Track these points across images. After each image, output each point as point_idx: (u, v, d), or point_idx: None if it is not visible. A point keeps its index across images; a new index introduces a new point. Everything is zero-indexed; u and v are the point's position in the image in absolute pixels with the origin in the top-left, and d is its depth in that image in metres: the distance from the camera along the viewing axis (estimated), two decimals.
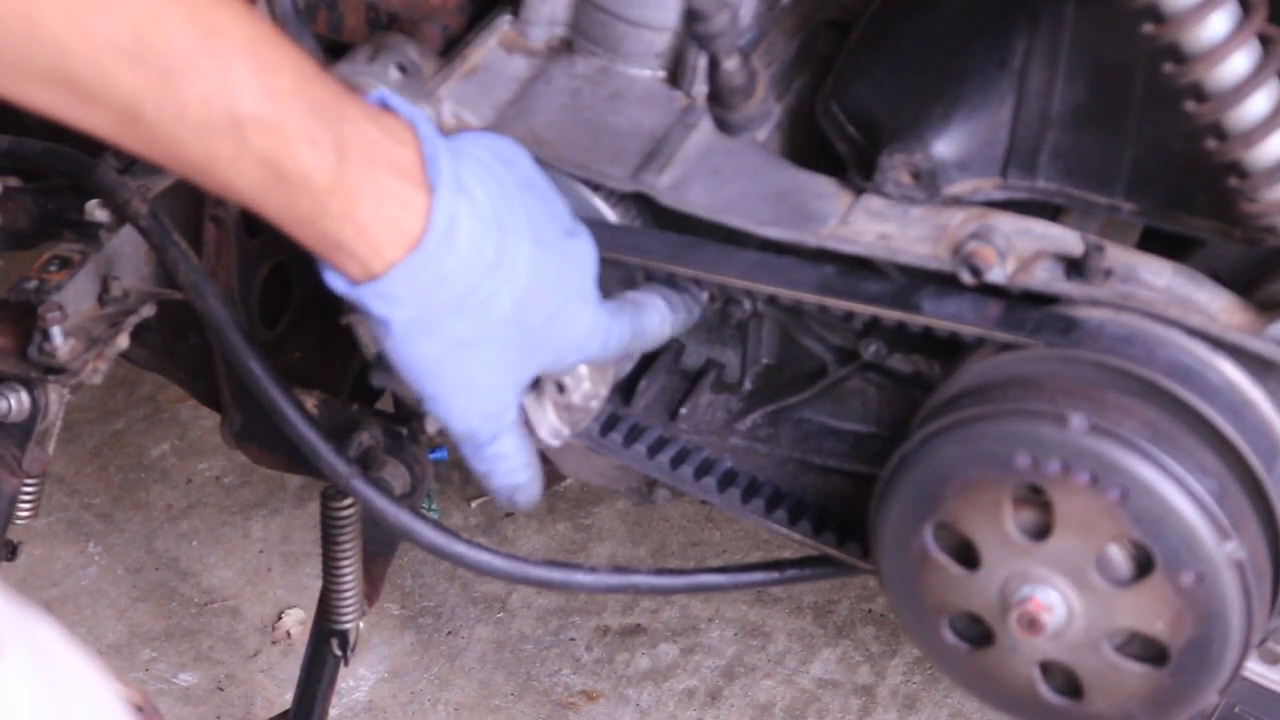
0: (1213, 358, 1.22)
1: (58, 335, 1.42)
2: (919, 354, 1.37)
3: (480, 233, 1.14)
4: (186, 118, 1.01)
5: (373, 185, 1.09)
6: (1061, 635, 1.24)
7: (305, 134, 1.05)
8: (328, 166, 1.06)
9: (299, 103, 1.05)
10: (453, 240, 1.12)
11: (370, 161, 1.09)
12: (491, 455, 1.24)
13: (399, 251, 1.11)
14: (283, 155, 1.05)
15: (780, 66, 1.40)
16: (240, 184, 1.06)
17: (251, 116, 1.03)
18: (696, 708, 2.02)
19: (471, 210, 1.13)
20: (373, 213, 1.09)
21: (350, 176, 1.08)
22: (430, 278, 1.12)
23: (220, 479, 2.33)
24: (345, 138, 1.07)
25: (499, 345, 1.17)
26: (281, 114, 1.04)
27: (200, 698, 2.06)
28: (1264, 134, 1.17)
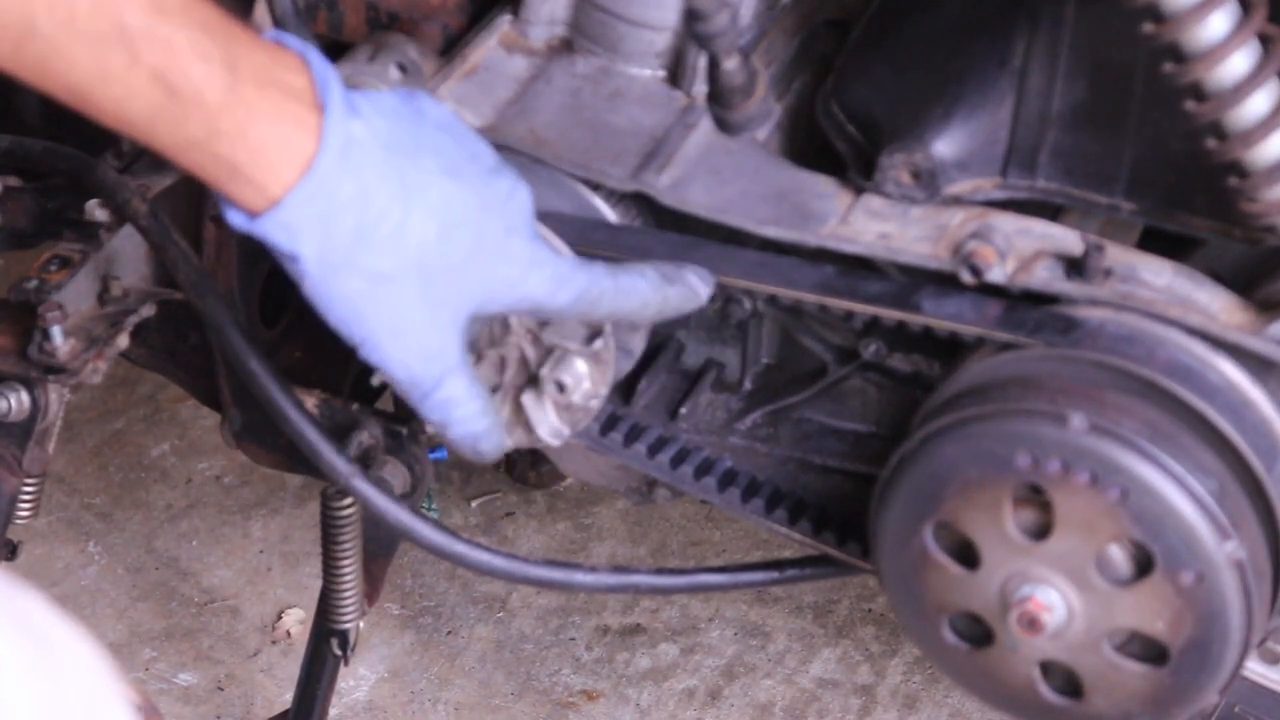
0: (1213, 357, 1.22)
1: (58, 335, 1.42)
2: (919, 354, 1.37)
3: (380, 157, 1.11)
4: (77, 26, 1.00)
5: (265, 104, 1.07)
6: (1061, 635, 1.24)
7: (195, 49, 1.04)
8: (219, 83, 1.05)
9: (187, 19, 1.04)
10: (350, 161, 1.10)
11: (262, 83, 1.07)
12: (441, 402, 1.20)
13: (295, 173, 1.09)
14: (173, 70, 1.03)
15: (780, 66, 1.40)
16: (133, 107, 1.04)
17: (140, 29, 1.02)
18: (696, 707, 2.02)
19: (368, 132, 1.11)
20: (267, 132, 1.07)
21: (243, 93, 1.06)
22: (330, 203, 1.10)
23: (220, 479, 2.33)
24: (236, 56, 1.06)
25: (421, 279, 1.14)
26: (170, 28, 1.03)
27: (200, 697, 2.06)
28: (1264, 134, 1.17)
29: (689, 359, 1.46)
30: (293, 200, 1.09)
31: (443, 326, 1.17)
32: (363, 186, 1.11)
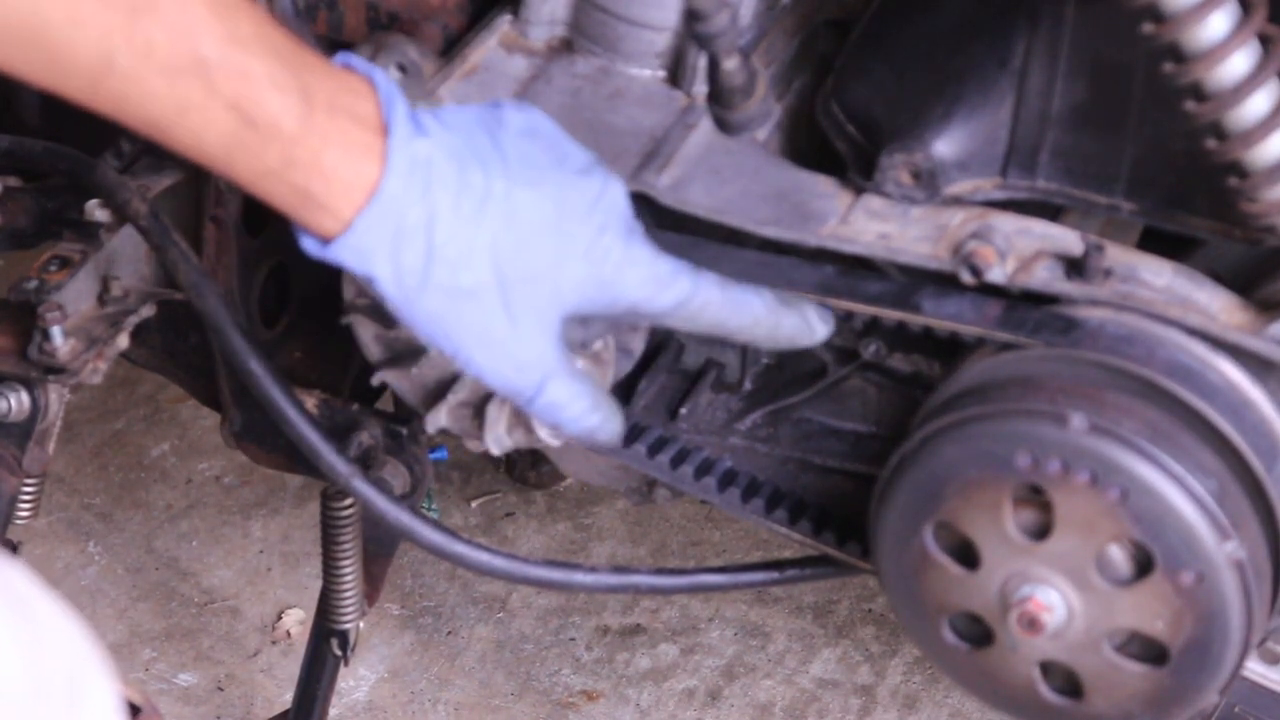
0: (1212, 357, 1.22)
1: (58, 335, 1.42)
2: (919, 354, 1.37)
3: (450, 174, 1.11)
4: (155, 60, 1.01)
5: (336, 131, 1.08)
6: (1061, 635, 1.24)
7: (270, 78, 1.05)
8: (294, 111, 1.06)
9: (261, 47, 1.05)
10: (416, 182, 1.10)
11: (333, 109, 1.08)
12: (546, 406, 1.20)
13: (363, 197, 1.09)
14: (250, 100, 1.04)
15: (780, 66, 1.40)
16: (211, 138, 1.05)
17: (216, 60, 1.02)
18: (696, 708, 2.02)
19: (437, 150, 1.11)
20: (337, 159, 1.08)
21: (316, 122, 1.07)
22: (399, 225, 1.10)
23: (220, 479, 2.33)
24: (309, 84, 1.07)
25: (502, 292, 1.14)
26: (246, 57, 1.04)
27: (200, 697, 2.06)
28: (1264, 134, 1.17)
29: (689, 359, 1.46)
30: (362, 225, 1.09)
31: (533, 335, 1.17)
32: (432, 206, 1.11)
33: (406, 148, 1.10)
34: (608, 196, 1.18)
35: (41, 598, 0.92)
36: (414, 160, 1.10)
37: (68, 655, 0.92)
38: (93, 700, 0.93)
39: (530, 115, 1.18)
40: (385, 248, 1.11)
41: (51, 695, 0.90)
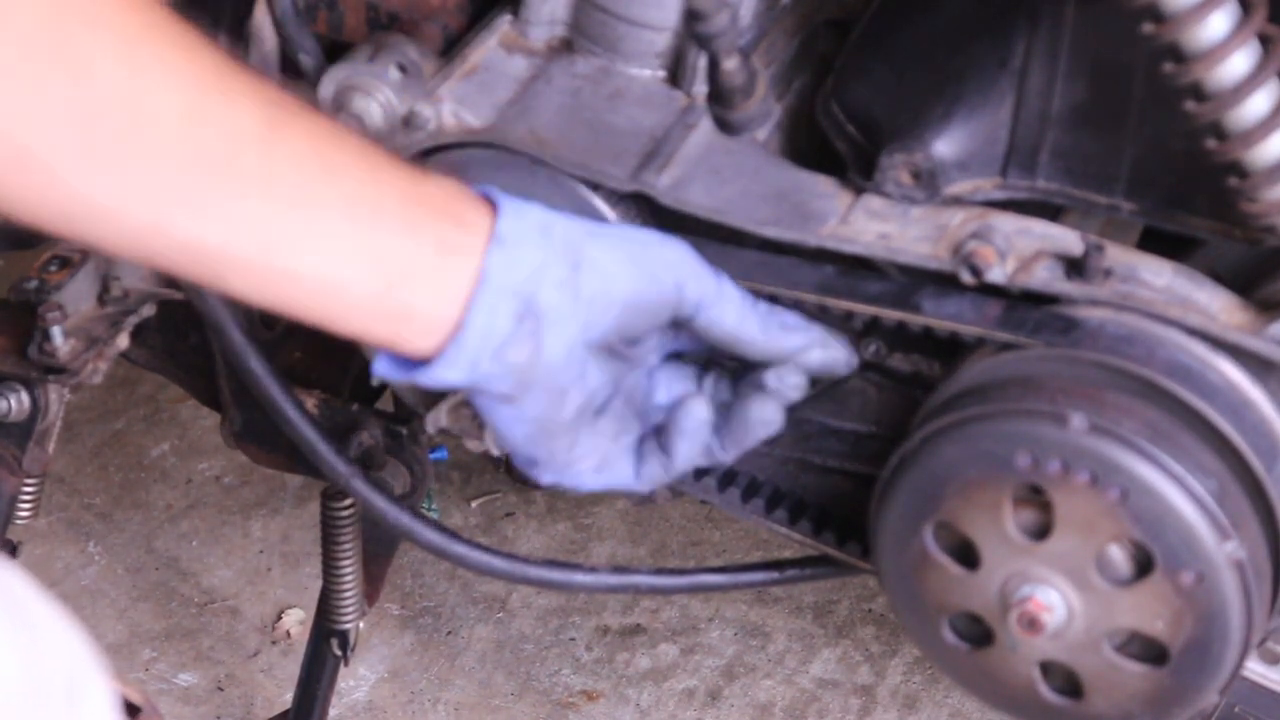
0: (1213, 357, 1.22)
1: (58, 335, 1.42)
2: (919, 354, 1.37)
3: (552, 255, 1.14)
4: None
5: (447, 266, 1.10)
6: (1061, 635, 1.24)
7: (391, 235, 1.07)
8: (415, 254, 1.08)
9: (400, 198, 1.08)
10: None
11: (445, 249, 1.10)
12: (639, 490, 1.25)
13: (448, 332, 1.11)
14: (392, 294, 1.08)
15: (780, 66, 1.40)
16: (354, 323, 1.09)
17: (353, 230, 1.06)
18: (696, 708, 2.02)
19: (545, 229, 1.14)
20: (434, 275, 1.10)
21: (424, 260, 1.09)
22: (485, 347, 1.12)
23: (220, 479, 2.33)
24: (418, 219, 1.09)
25: (589, 412, 1.20)
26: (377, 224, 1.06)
27: (200, 698, 2.06)
28: (1264, 134, 1.17)
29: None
30: (447, 356, 1.11)
31: (610, 448, 1.22)
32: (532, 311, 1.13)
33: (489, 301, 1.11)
34: (685, 266, 1.21)
35: (39, 602, 0.92)
36: (530, 226, 1.13)
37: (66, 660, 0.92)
38: (90, 704, 0.93)
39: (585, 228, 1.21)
40: (475, 363, 1.11)
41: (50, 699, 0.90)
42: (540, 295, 1.13)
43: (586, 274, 1.15)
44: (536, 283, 1.12)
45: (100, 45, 0.91)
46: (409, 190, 1.09)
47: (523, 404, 1.15)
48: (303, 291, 1.05)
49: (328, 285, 1.05)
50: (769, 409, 1.25)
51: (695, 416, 1.23)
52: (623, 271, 1.17)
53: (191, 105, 0.95)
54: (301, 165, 1.02)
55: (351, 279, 1.06)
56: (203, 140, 0.96)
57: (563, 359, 1.15)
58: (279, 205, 1.01)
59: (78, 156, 0.92)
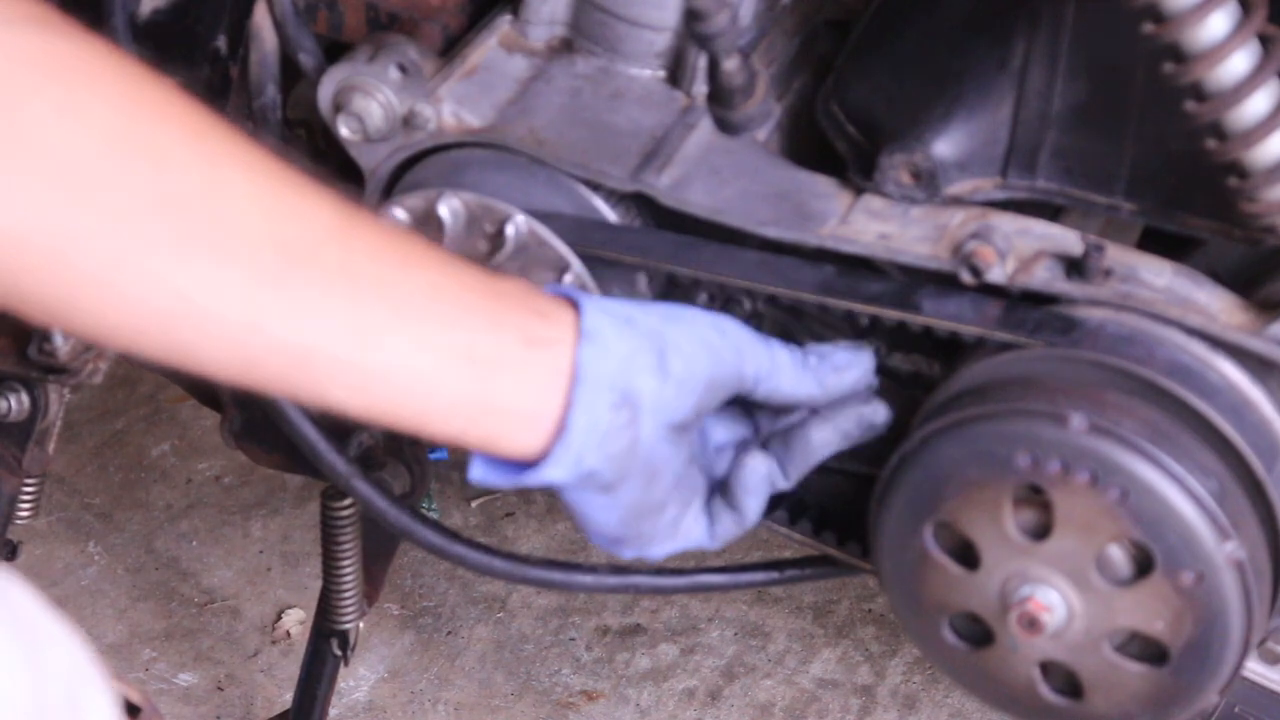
0: (1212, 357, 1.22)
1: (58, 335, 1.42)
2: (919, 354, 1.37)
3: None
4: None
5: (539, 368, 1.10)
6: (1061, 635, 1.24)
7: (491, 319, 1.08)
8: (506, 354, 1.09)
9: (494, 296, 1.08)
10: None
11: (530, 341, 1.10)
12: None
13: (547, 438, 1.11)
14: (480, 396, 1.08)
15: (780, 66, 1.40)
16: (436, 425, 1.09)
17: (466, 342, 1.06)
18: (696, 708, 2.02)
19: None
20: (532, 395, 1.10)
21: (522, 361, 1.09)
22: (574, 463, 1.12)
23: (220, 479, 2.33)
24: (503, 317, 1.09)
25: (676, 485, 1.21)
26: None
27: (200, 697, 2.06)
28: (1264, 134, 1.17)
29: None
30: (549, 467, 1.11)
31: (695, 515, 1.24)
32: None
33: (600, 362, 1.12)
34: (737, 344, 1.22)
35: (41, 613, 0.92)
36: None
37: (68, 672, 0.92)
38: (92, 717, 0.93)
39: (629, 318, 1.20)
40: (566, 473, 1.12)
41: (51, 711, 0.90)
42: (634, 384, 1.13)
43: (673, 358, 1.16)
44: (629, 373, 1.13)
45: (174, 137, 0.90)
46: (487, 284, 1.09)
47: (618, 492, 1.16)
48: (398, 390, 1.04)
49: (421, 380, 1.04)
50: (828, 431, 1.27)
51: (757, 473, 1.25)
52: (701, 354, 1.18)
53: (269, 197, 0.95)
54: (379, 259, 1.02)
55: (443, 371, 1.05)
56: (285, 233, 0.96)
57: (658, 443, 1.16)
58: (366, 299, 1.00)
59: (172, 247, 0.91)
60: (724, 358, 1.20)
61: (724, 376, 1.20)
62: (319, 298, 0.98)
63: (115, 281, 0.91)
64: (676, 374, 1.16)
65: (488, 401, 1.07)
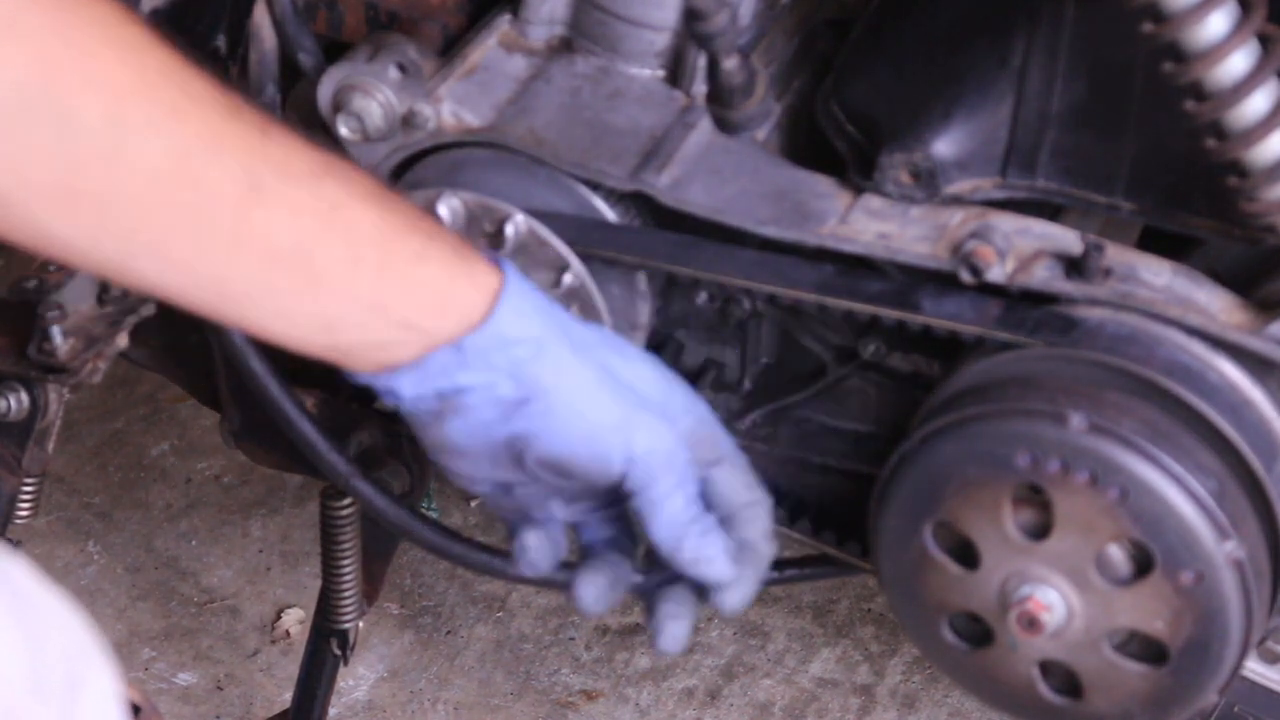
0: (1212, 357, 1.22)
1: (57, 335, 1.42)
2: (918, 353, 1.37)
3: (565, 329, 1.12)
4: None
5: (454, 255, 1.09)
6: (1061, 634, 1.24)
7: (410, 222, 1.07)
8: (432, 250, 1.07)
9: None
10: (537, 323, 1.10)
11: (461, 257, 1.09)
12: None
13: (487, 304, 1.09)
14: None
15: (780, 66, 1.40)
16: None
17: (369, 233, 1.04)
18: (696, 707, 2.02)
19: (552, 310, 1.12)
20: (457, 277, 1.08)
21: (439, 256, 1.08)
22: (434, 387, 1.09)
23: (220, 478, 2.33)
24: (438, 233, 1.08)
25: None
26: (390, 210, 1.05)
27: (200, 697, 2.06)
28: (1264, 133, 1.17)
29: (688, 358, 1.46)
30: (401, 376, 1.09)
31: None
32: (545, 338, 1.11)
33: (524, 292, 1.10)
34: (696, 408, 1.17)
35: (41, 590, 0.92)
36: (539, 305, 1.10)
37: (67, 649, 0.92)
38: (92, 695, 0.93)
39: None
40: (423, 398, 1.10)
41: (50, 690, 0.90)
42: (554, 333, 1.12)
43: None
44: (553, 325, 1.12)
45: (88, 102, 0.92)
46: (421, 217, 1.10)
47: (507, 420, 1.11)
48: (308, 264, 1.04)
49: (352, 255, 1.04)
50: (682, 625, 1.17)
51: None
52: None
53: (172, 164, 0.96)
54: (281, 231, 1.02)
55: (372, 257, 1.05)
56: (177, 198, 0.97)
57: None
58: (245, 267, 1.01)
59: (54, 203, 0.94)
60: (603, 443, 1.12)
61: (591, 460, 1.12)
62: (194, 259, 1.00)
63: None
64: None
65: (412, 282, 1.07)
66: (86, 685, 0.93)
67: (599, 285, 1.32)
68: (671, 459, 1.12)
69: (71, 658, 0.92)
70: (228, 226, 0.99)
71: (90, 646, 0.94)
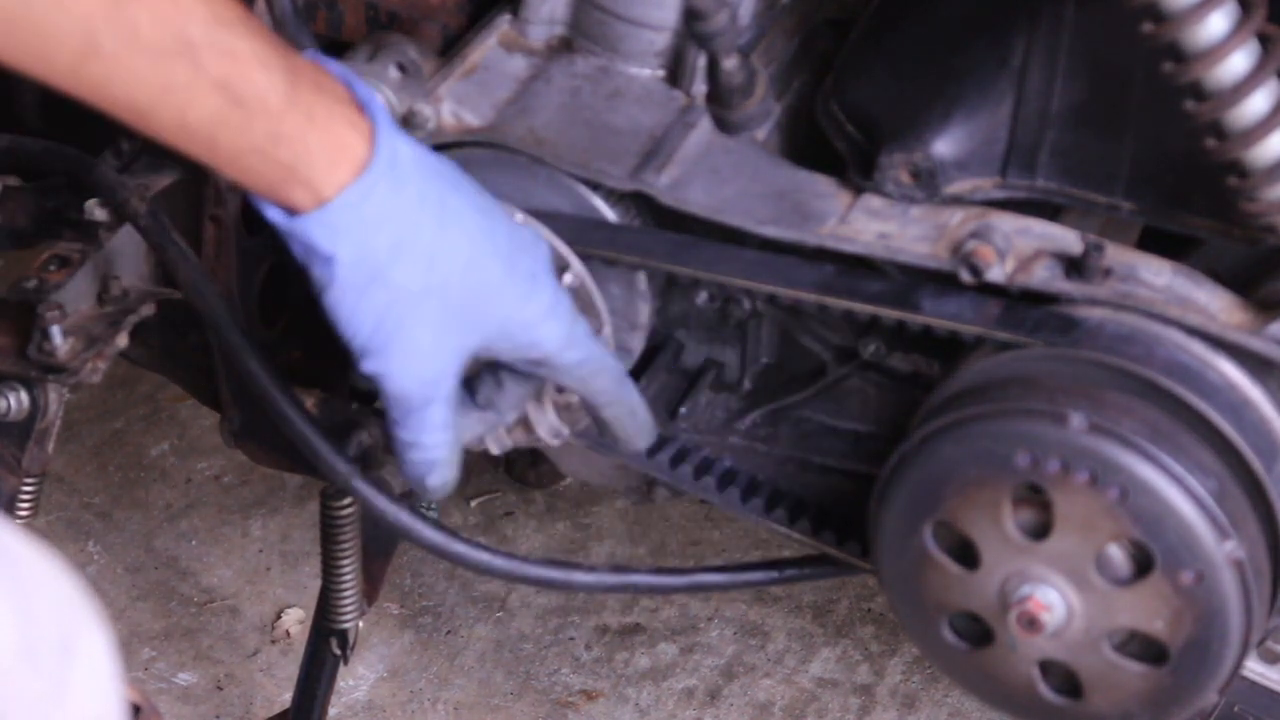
0: (1212, 357, 1.22)
1: (57, 335, 1.42)
2: (918, 353, 1.37)
3: (422, 178, 1.13)
4: (141, 42, 1.02)
5: (323, 110, 1.09)
6: (1061, 634, 1.24)
7: (257, 56, 1.06)
8: (280, 88, 1.07)
9: (245, 28, 1.06)
10: (397, 174, 1.12)
11: (318, 89, 1.09)
12: (418, 425, 1.20)
13: (348, 175, 1.10)
14: (237, 77, 1.05)
15: (780, 65, 1.40)
16: (195, 117, 1.06)
17: (204, 40, 1.03)
18: (696, 707, 2.02)
19: (412, 153, 1.13)
20: (324, 135, 1.09)
21: (302, 98, 1.08)
22: (375, 211, 1.11)
23: (219, 478, 2.33)
24: (293, 64, 1.08)
25: (444, 304, 1.16)
26: (231, 37, 1.05)
27: (199, 697, 2.06)
28: (1264, 133, 1.17)
29: (688, 358, 1.46)
30: (341, 202, 1.10)
31: (448, 354, 1.18)
32: (404, 201, 1.12)
33: (391, 139, 1.12)
34: (541, 248, 1.22)
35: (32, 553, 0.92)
36: (396, 153, 1.12)
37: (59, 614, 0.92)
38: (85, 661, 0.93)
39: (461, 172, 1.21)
40: (356, 229, 1.11)
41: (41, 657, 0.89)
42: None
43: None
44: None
45: None
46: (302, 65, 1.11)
47: (389, 270, 1.15)
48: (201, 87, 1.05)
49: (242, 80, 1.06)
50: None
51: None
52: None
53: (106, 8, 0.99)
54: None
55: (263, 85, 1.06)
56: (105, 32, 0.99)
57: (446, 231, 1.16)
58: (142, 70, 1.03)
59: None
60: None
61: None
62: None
63: None
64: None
65: (301, 117, 1.08)
66: (79, 649, 0.92)
67: (599, 285, 1.32)
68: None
69: (63, 622, 0.92)
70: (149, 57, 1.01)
71: (83, 610, 0.94)
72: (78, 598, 0.94)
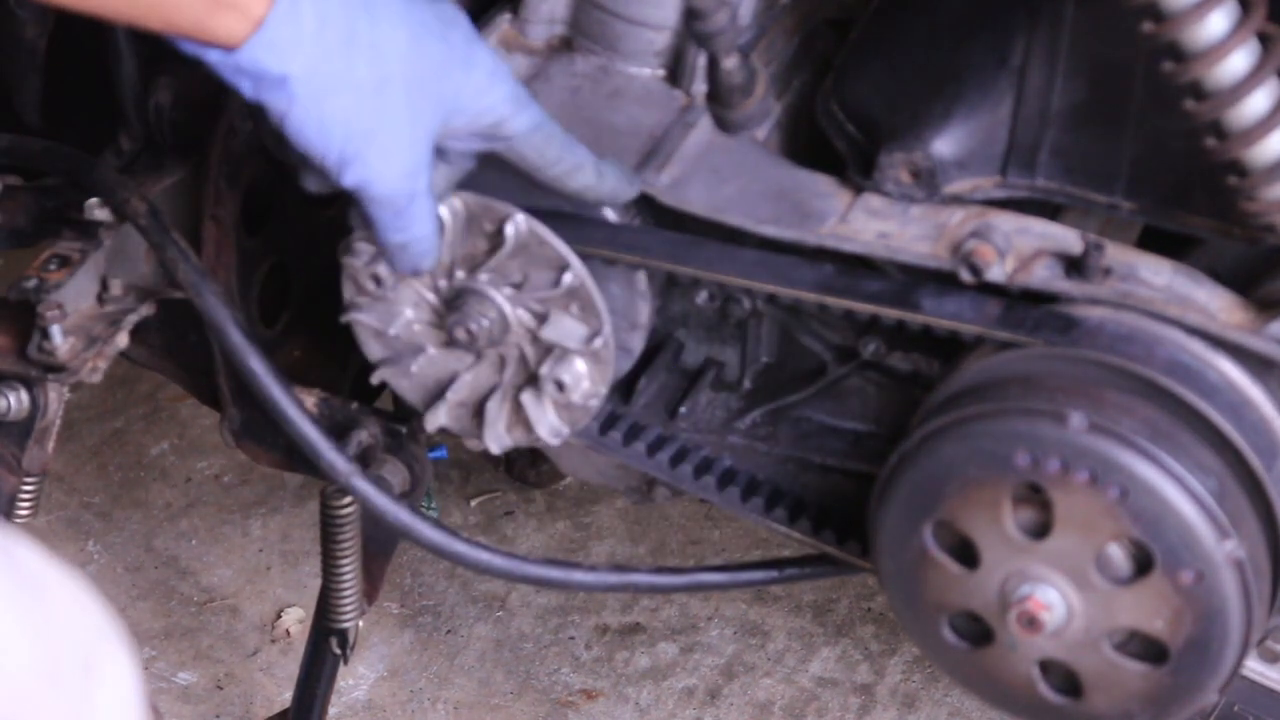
0: (1212, 356, 1.22)
1: (57, 334, 1.42)
2: (918, 352, 1.37)
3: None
4: None
5: None
6: (1061, 634, 1.24)
7: None
8: None
9: None
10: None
11: None
12: (408, 222, 1.22)
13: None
14: None
15: (780, 65, 1.40)
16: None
17: None
18: (696, 706, 2.02)
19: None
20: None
21: None
22: (311, 16, 1.12)
23: (220, 477, 2.33)
24: None
25: (404, 90, 1.17)
26: None
27: (199, 696, 2.06)
28: (1263, 132, 1.17)
29: (688, 358, 1.46)
30: (275, 16, 1.11)
31: (421, 141, 1.20)
32: (332, 2, 1.13)
33: None
34: (465, 17, 1.22)
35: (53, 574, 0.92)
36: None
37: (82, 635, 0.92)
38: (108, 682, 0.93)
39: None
40: (300, 40, 1.12)
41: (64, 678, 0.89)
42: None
43: None
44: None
45: None
46: None
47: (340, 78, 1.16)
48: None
49: None
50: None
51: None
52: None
53: None
54: None
55: None
56: None
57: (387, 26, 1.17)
58: None
59: None
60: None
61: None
62: None
63: None
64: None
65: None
66: (103, 671, 0.92)
67: (599, 285, 1.32)
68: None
69: (87, 643, 0.92)
70: None
71: (107, 631, 0.94)
72: (102, 619, 0.94)
